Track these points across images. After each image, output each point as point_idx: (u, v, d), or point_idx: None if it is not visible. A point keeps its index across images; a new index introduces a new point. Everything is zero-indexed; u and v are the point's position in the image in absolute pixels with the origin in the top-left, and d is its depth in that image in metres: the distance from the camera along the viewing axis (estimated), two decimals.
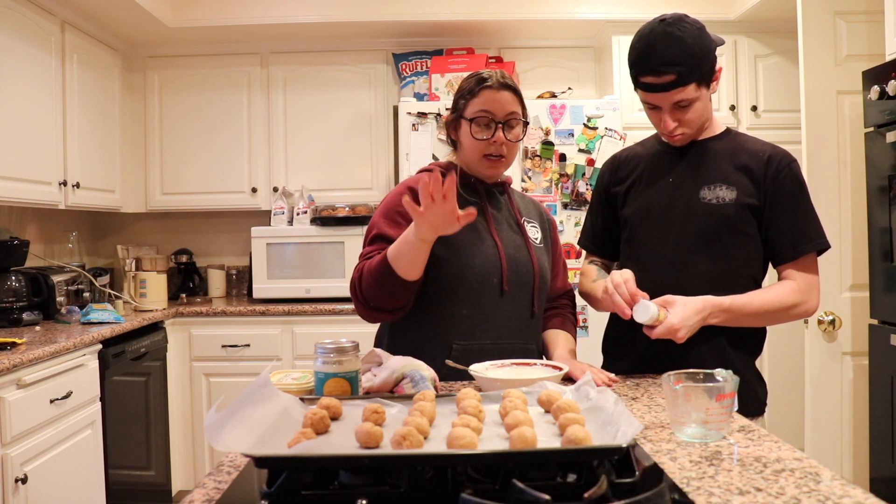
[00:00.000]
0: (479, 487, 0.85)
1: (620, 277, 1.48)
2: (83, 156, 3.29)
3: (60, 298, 3.11)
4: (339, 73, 3.85)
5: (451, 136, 1.71)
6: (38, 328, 2.82)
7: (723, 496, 0.87)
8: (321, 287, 3.58)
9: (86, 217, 3.91)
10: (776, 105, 3.57)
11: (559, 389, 1.20)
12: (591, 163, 3.28)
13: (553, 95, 3.52)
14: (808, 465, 0.98)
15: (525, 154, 3.30)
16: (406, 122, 3.34)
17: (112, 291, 3.49)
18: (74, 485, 2.48)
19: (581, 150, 3.30)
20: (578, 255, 3.21)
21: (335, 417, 1.11)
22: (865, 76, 2.35)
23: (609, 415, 1.00)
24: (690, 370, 1.15)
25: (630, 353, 1.67)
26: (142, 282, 3.46)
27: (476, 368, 1.45)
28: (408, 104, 3.38)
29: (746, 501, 0.85)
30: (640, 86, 1.56)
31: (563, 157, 3.29)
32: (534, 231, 1.74)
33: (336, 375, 1.28)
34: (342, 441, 1.00)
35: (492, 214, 1.68)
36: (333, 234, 3.61)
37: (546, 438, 1.00)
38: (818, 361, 2.61)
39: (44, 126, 2.99)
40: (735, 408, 1.14)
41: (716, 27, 1.70)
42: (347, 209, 3.67)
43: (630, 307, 1.45)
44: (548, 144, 3.29)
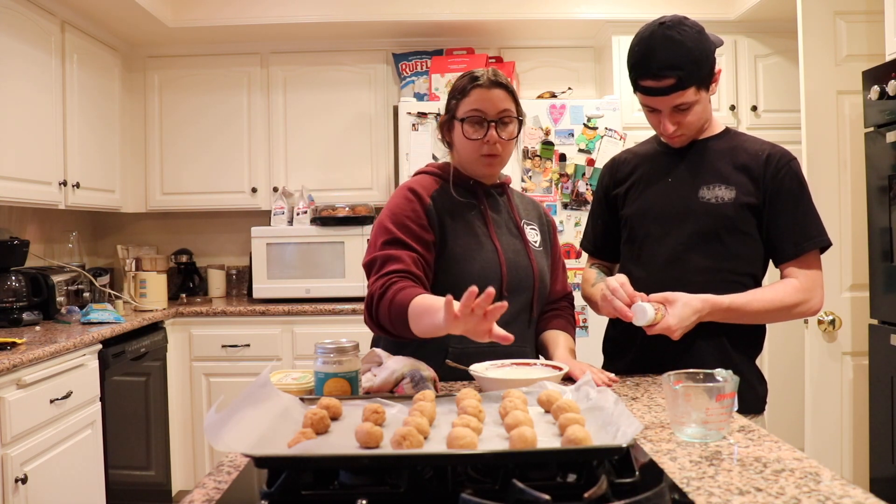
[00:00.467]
0: (479, 487, 0.85)
1: (616, 282, 1.48)
2: (83, 156, 3.29)
3: (60, 298, 3.11)
4: (339, 73, 3.85)
5: (446, 138, 1.69)
6: (38, 328, 2.82)
7: (723, 496, 0.87)
8: (321, 287, 3.58)
9: (86, 217, 3.91)
10: (776, 105, 3.57)
11: (559, 389, 1.20)
12: (591, 163, 3.28)
13: (553, 95, 3.52)
14: (808, 465, 0.98)
15: (525, 154, 3.30)
16: (406, 122, 3.34)
17: (112, 291, 3.49)
18: (74, 485, 2.48)
19: (581, 150, 3.30)
20: (579, 256, 3.22)
21: (335, 417, 1.11)
22: (865, 76, 2.35)
23: (609, 415, 1.00)
24: (690, 370, 1.15)
25: (630, 353, 1.67)
26: (142, 282, 3.46)
27: (476, 368, 1.45)
28: (408, 104, 3.38)
29: (746, 501, 0.85)
30: (640, 89, 1.55)
31: (563, 157, 3.29)
32: (533, 234, 1.73)
33: (336, 375, 1.28)
34: (342, 441, 1.00)
35: (491, 218, 1.66)
36: (333, 234, 3.61)
37: (546, 438, 1.00)
38: (818, 361, 2.61)
39: (44, 126, 2.99)
40: (735, 408, 1.14)
41: (716, 27, 1.70)
42: (347, 209, 3.67)
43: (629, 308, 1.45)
44: (548, 144, 3.29)
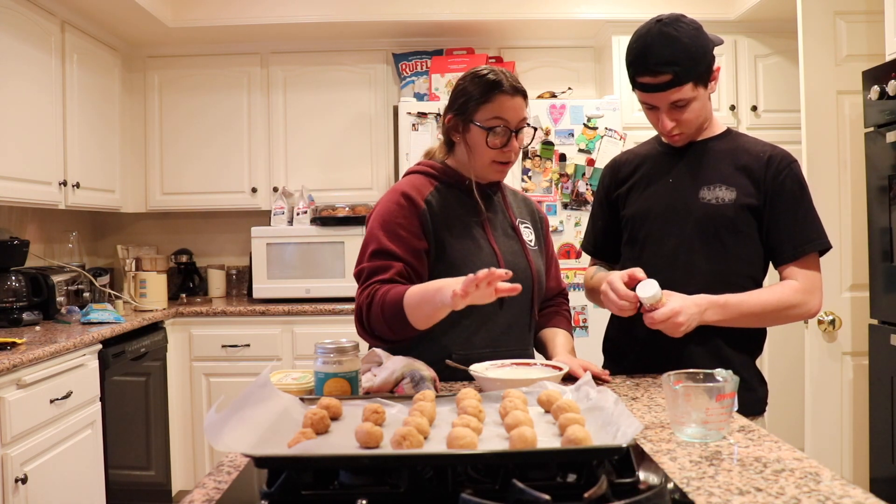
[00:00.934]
0: (479, 487, 0.85)
1: (616, 274, 1.50)
2: (83, 156, 3.29)
3: (60, 298, 3.11)
4: (339, 73, 3.85)
5: (451, 138, 1.64)
6: (38, 328, 2.82)
7: (723, 496, 0.87)
8: (321, 287, 3.58)
9: (86, 217, 3.91)
10: (776, 105, 3.57)
11: (559, 389, 1.20)
12: (591, 163, 3.28)
13: (553, 95, 3.52)
14: (808, 465, 0.98)
15: (525, 154, 3.30)
16: (406, 122, 3.34)
17: (112, 291, 3.49)
18: (74, 485, 2.48)
19: (581, 150, 3.30)
20: (579, 256, 3.22)
21: (335, 417, 1.11)
22: (865, 76, 2.35)
23: (609, 415, 1.00)
24: (690, 370, 1.15)
25: (630, 353, 1.67)
26: (142, 282, 3.47)
27: (476, 368, 1.45)
28: (408, 104, 3.38)
29: (746, 501, 0.85)
30: (637, 86, 1.56)
31: (563, 157, 3.29)
32: (528, 233, 1.72)
33: (336, 375, 1.28)
34: (342, 441, 1.00)
35: (488, 219, 1.63)
36: (333, 234, 3.61)
37: (546, 438, 1.00)
38: (818, 361, 2.60)
39: (44, 126, 2.99)
40: (735, 408, 1.14)
41: (716, 27, 1.71)
42: (347, 209, 3.67)
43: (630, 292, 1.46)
44: (548, 144, 3.29)
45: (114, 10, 3.27)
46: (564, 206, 3.29)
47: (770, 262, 1.63)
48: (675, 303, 1.44)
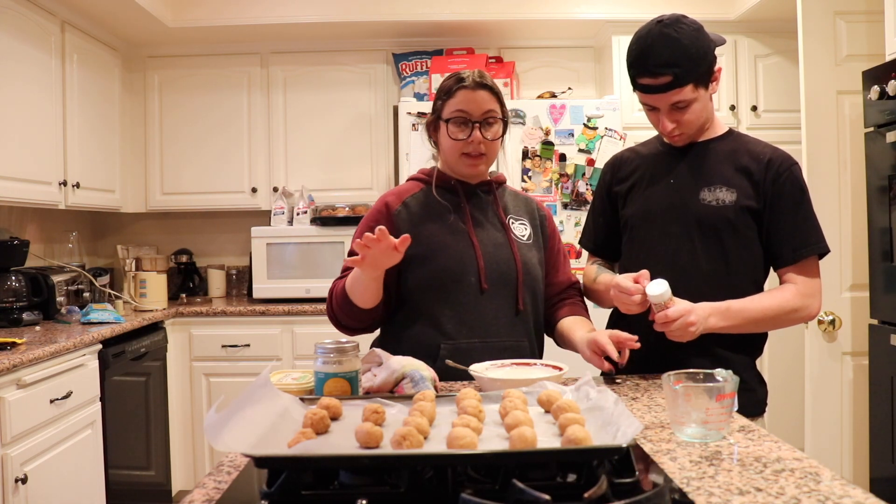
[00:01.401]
0: (479, 487, 0.85)
1: (625, 278, 1.50)
2: (83, 156, 3.29)
3: (60, 298, 3.11)
4: (339, 74, 3.85)
5: (433, 139, 1.73)
6: (38, 328, 2.82)
7: (723, 496, 0.87)
8: (321, 287, 3.57)
9: (86, 217, 3.91)
10: (776, 105, 3.57)
11: (559, 389, 1.20)
12: (591, 163, 3.28)
13: (553, 95, 3.52)
14: (808, 465, 0.98)
15: (525, 154, 3.30)
16: (406, 122, 3.34)
17: (112, 291, 3.49)
18: (74, 485, 2.48)
19: (581, 150, 3.30)
20: (579, 255, 3.21)
21: (335, 417, 1.11)
22: (865, 76, 2.35)
23: (609, 415, 1.00)
24: (690, 370, 1.15)
25: (630, 354, 1.67)
26: (142, 282, 3.47)
27: (476, 368, 1.45)
28: (408, 104, 3.38)
29: (746, 501, 0.85)
30: (638, 87, 1.56)
31: (563, 157, 3.29)
32: (521, 228, 1.74)
33: (336, 375, 1.28)
34: (342, 441, 1.00)
35: (472, 216, 1.69)
36: (333, 234, 3.61)
37: (546, 438, 1.00)
38: (818, 361, 2.60)
39: (44, 126, 2.99)
40: (735, 408, 1.14)
41: (716, 27, 1.70)
42: (347, 209, 3.67)
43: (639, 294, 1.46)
44: (548, 144, 3.29)
45: (114, 10, 3.27)
46: (564, 206, 3.29)
47: (771, 267, 1.63)
48: (686, 304, 1.43)
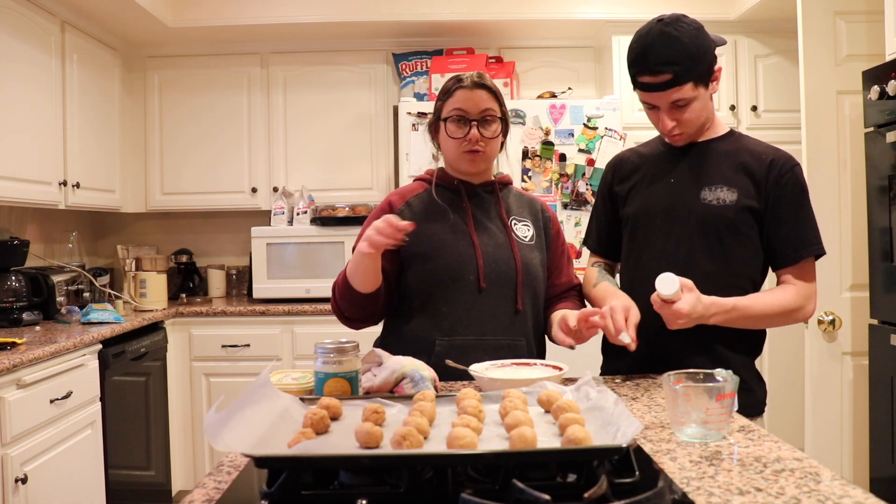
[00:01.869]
0: (479, 487, 0.85)
1: (619, 305, 1.49)
2: (83, 156, 3.29)
3: (60, 298, 3.11)
4: (339, 73, 3.85)
5: (435, 140, 1.75)
6: (38, 328, 2.82)
7: (723, 496, 0.87)
8: (321, 287, 3.57)
9: (86, 217, 3.91)
10: (776, 105, 3.57)
11: (559, 389, 1.20)
12: (591, 163, 3.28)
13: (553, 95, 3.52)
14: (808, 465, 0.98)
15: (525, 154, 3.30)
16: (406, 122, 3.34)
17: (112, 291, 3.49)
18: (74, 485, 2.48)
19: (581, 150, 3.30)
20: (579, 255, 3.21)
21: (335, 417, 1.11)
22: (865, 76, 2.34)
23: (609, 415, 1.00)
24: (690, 370, 1.15)
25: (630, 354, 1.67)
26: (142, 282, 3.47)
27: (476, 368, 1.45)
28: (408, 104, 3.38)
29: (746, 501, 0.85)
30: (638, 85, 1.56)
31: (563, 157, 3.29)
32: (524, 229, 1.75)
33: (336, 375, 1.28)
34: (342, 441, 1.00)
35: (474, 216, 1.70)
36: (333, 234, 3.61)
37: (546, 438, 1.00)
38: (818, 361, 2.60)
39: (44, 126, 2.99)
40: (735, 408, 1.14)
41: (716, 27, 1.70)
42: (347, 209, 3.67)
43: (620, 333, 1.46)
44: (548, 144, 3.29)
45: (114, 10, 3.27)
46: (564, 206, 3.29)
47: (770, 267, 1.63)
48: (684, 305, 1.43)
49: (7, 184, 2.72)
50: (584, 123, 3.30)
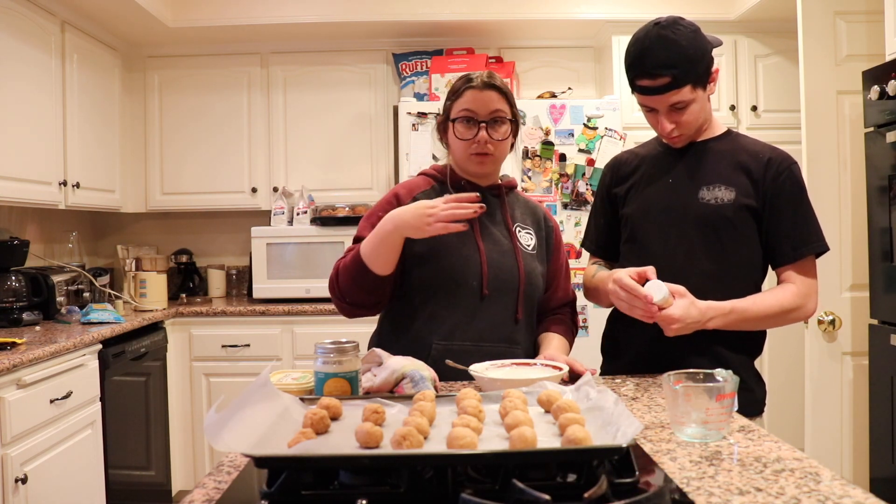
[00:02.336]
0: (479, 487, 0.85)
1: (623, 272, 1.50)
2: (83, 156, 3.29)
3: (60, 298, 3.11)
4: (339, 73, 3.85)
5: (444, 140, 1.73)
6: (38, 328, 2.82)
7: (723, 496, 0.87)
8: (321, 287, 3.57)
9: (86, 217, 3.91)
10: (776, 105, 3.57)
11: (559, 389, 1.20)
12: (591, 163, 3.28)
13: (553, 95, 3.52)
14: (808, 465, 0.98)
15: (525, 154, 3.30)
16: (406, 122, 3.34)
17: (112, 291, 3.49)
18: (74, 485, 2.48)
19: (581, 150, 3.30)
20: (579, 256, 3.22)
21: (335, 417, 1.11)
22: (865, 76, 2.35)
23: (609, 415, 1.00)
24: (690, 370, 1.15)
25: (629, 354, 1.67)
26: (142, 282, 3.46)
27: (476, 368, 1.45)
28: (408, 104, 3.38)
29: (746, 501, 0.85)
30: (636, 89, 1.56)
31: (563, 157, 3.29)
32: (527, 237, 1.73)
33: (336, 375, 1.28)
34: (342, 441, 1.00)
35: (480, 220, 1.67)
36: (333, 234, 3.61)
37: (546, 438, 1.00)
38: (818, 361, 2.60)
39: (44, 126, 2.99)
40: (735, 408, 1.14)
41: (716, 27, 1.71)
42: (347, 209, 3.67)
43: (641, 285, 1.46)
44: (548, 144, 3.29)
45: (114, 10, 3.27)
46: (564, 206, 3.29)
47: (769, 266, 1.63)
48: (676, 310, 1.43)
49: (7, 184, 2.72)
50: (584, 123, 3.30)
